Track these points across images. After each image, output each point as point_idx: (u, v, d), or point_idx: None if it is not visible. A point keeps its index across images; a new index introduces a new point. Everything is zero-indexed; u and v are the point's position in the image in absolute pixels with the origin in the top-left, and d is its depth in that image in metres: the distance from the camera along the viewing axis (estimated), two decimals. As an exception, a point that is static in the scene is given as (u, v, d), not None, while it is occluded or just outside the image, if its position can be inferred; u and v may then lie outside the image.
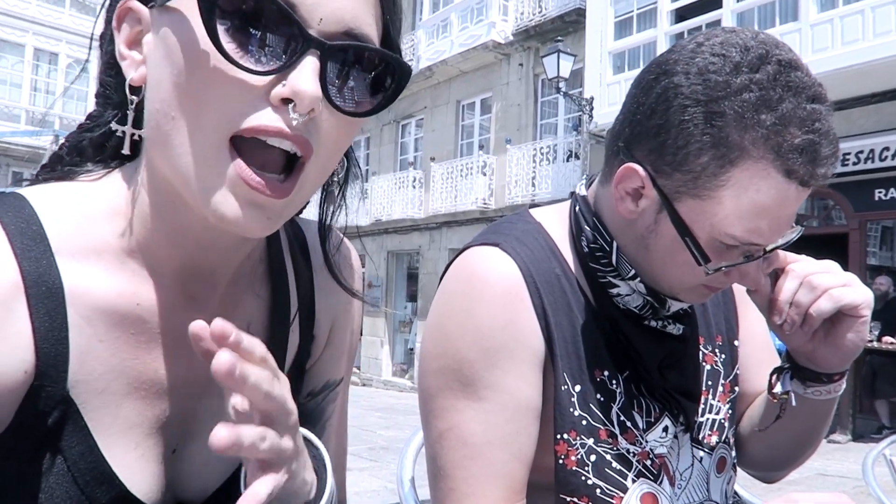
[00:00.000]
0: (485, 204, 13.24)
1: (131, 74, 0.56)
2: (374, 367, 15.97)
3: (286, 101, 0.49)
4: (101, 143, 0.63)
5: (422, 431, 0.92)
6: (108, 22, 0.60)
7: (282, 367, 0.68)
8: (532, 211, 0.97)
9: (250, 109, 0.50)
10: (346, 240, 0.79)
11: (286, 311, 0.70)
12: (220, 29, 0.49)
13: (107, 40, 0.60)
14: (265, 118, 0.49)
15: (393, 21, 0.58)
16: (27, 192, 0.58)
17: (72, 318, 0.55)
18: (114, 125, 0.59)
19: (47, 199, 0.58)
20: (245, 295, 0.67)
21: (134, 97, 0.56)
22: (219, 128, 0.50)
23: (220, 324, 0.45)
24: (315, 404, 0.76)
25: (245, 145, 0.50)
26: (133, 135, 0.58)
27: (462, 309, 0.84)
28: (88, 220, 0.58)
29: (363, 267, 0.78)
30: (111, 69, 0.60)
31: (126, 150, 0.59)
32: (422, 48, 14.65)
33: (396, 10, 0.58)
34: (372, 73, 0.55)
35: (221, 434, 0.43)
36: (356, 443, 7.39)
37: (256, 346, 0.48)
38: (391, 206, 15.38)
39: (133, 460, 0.58)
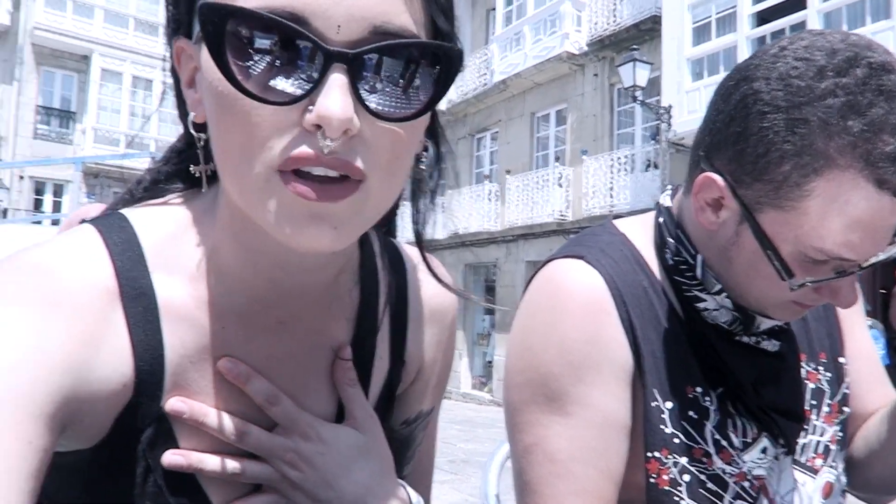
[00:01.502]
0: (562, 216, 13.09)
1: (192, 114, 0.55)
2: (453, 379, 15.99)
3: (318, 126, 0.46)
4: (184, 170, 0.64)
5: (505, 445, 0.91)
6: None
7: (366, 389, 0.68)
8: (616, 222, 0.95)
9: (285, 140, 0.47)
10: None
11: (372, 335, 0.69)
12: (235, 63, 0.46)
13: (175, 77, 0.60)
14: (298, 148, 0.47)
15: (436, 1, 0.52)
16: (128, 213, 0.60)
17: (167, 338, 0.56)
18: (192, 168, 0.60)
19: (145, 220, 0.60)
20: (335, 319, 0.66)
21: (201, 134, 0.56)
22: (263, 161, 0.48)
23: (226, 364, 0.58)
24: (409, 431, 0.77)
25: (299, 171, 0.48)
26: (207, 171, 0.59)
27: (546, 322, 0.83)
28: (179, 242, 0.59)
29: None
30: (182, 105, 0.60)
31: (204, 188, 0.60)
32: (495, 62, 14.70)
33: None
34: (414, 67, 0.49)
35: (168, 454, 0.56)
36: (436, 455, 7.41)
37: (260, 390, 0.59)
38: (468, 219, 15.44)
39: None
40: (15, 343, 0.47)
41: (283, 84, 0.46)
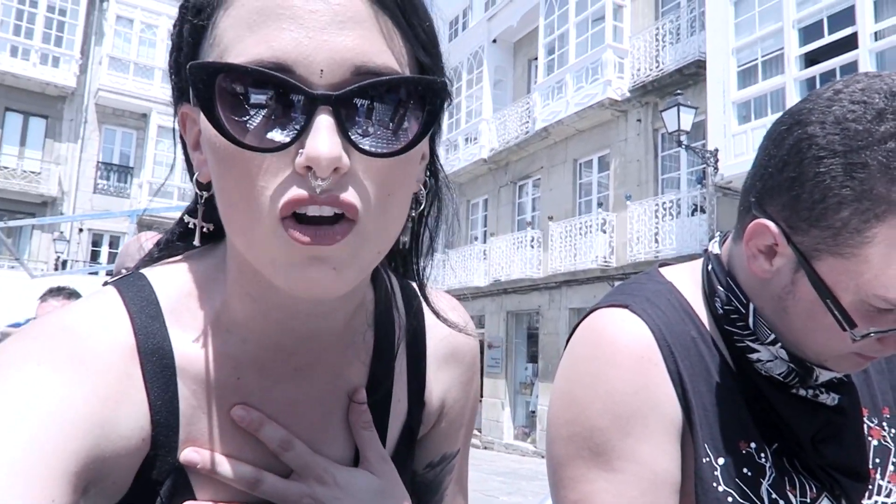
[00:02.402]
0: (605, 262, 12.96)
1: (198, 174, 0.59)
2: (496, 429, 15.72)
3: (309, 168, 0.47)
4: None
5: (549, 500, 0.88)
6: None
7: (384, 432, 0.69)
8: (662, 270, 0.93)
9: (280, 185, 0.49)
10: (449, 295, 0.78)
11: (388, 378, 0.70)
12: (226, 116, 0.48)
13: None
14: (292, 191, 0.48)
15: (417, 37, 0.54)
16: (148, 272, 0.63)
17: (181, 391, 0.58)
18: (186, 217, 0.63)
19: (162, 278, 0.62)
20: (349, 363, 0.67)
21: (203, 192, 0.59)
22: (264, 211, 0.49)
23: (238, 412, 0.59)
24: (434, 475, 0.76)
25: (294, 214, 0.50)
26: (203, 227, 0.61)
27: (591, 374, 0.81)
28: (194, 297, 0.61)
29: (482, 327, 0.76)
30: (191, 168, 0.63)
31: (197, 242, 0.62)
32: (537, 110, 14.88)
33: (418, 26, 0.54)
34: (400, 102, 0.51)
35: None
36: (479, 508, 7.23)
37: (273, 436, 0.60)
38: (510, 266, 15.41)
39: None
40: (40, 402, 0.49)
41: (275, 131, 0.48)
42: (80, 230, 19.48)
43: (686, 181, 12.10)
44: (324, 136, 0.47)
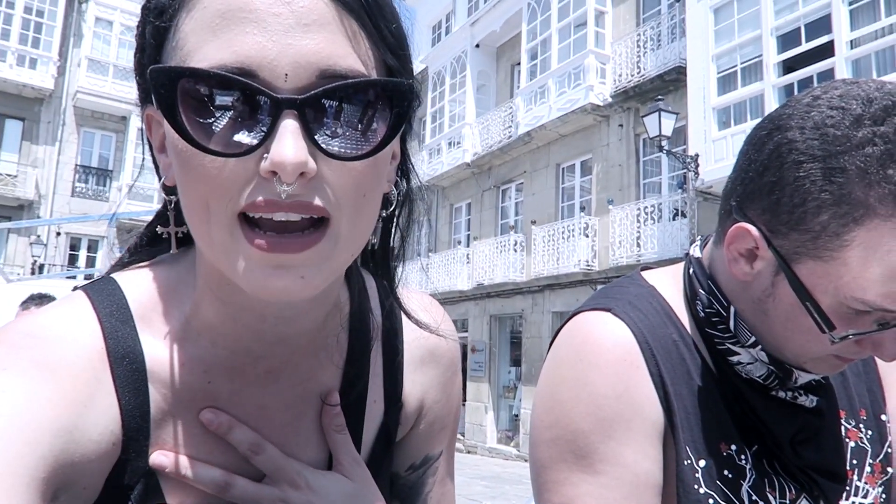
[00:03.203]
0: (588, 266, 13.03)
1: (165, 177, 0.58)
2: (479, 433, 15.71)
3: (274, 172, 0.47)
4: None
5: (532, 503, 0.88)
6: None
7: (358, 434, 0.68)
8: (644, 274, 0.94)
9: (245, 190, 0.48)
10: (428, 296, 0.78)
11: (362, 379, 0.69)
12: (189, 120, 0.48)
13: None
14: (256, 194, 0.48)
15: (384, 39, 0.53)
16: (119, 276, 0.63)
17: (152, 395, 0.58)
18: (159, 228, 0.63)
19: (133, 283, 0.62)
20: (323, 365, 0.67)
21: (172, 197, 0.58)
22: (225, 210, 0.49)
23: (207, 415, 0.59)
24: (416, 477, 0.76)
25: (261, 219, 0.49)
26: (177, 233, 0.61)
27: (574, 377, 0.81)
28: (165, 301, 0.61)
29: (466, 331, 0.76)
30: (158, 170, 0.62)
31: (173, 249, 0.62)
32: (520, 114, 14.93)
33: (385, 28, 0.53)
34: (367, 105, 0.50)
35: None
36: (462, 513, 7.22)
37: (243, 439, 0.60)
38: (493, 270, 15.43)
39: None
40: (4, 409, 0.48)
41: (239, 136, 0.48)
42: (58, 234, 19.21)
43: (667, 186, 12.21)
44: (289, 140, 0.46)
